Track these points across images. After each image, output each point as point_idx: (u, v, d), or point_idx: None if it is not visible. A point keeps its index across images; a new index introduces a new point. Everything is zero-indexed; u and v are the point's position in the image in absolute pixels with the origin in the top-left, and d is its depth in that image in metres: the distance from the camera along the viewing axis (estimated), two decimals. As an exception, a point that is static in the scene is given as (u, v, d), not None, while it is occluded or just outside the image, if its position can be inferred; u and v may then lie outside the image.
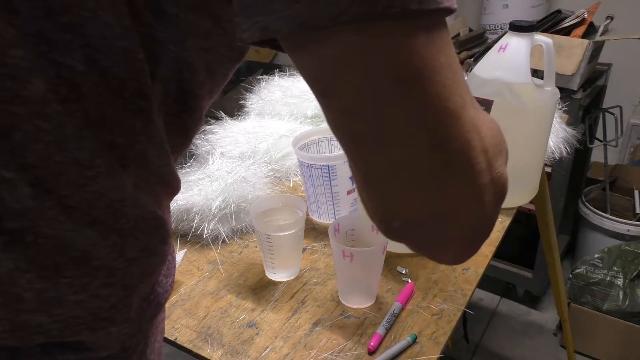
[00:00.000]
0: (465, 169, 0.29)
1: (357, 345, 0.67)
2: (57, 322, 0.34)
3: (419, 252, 0.34)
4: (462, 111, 0.28)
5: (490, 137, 0.30)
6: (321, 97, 0.29)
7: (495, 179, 0.31)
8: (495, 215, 0.33)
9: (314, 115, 1.16)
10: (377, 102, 0.27)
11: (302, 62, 0.28)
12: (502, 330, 1.91)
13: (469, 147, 0.28)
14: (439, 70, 0.26)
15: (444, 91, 0.27)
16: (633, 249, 1.71)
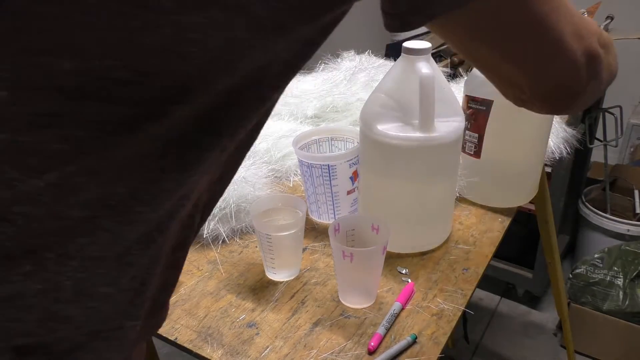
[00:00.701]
0: (564, 54, 0.42)
1: (357, 345, 0.67)
2: (85, 315, 0.34)
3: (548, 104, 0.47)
4: (563, 35, 0.40)
5: (586, 31, 0.42)
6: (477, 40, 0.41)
7: (588, 52, 0.43)
8: (589, 80, 0.45)
9: (314, 115, 1.16)
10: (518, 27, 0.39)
11: (457, 32, 0.40)
12: (502, 330, 1.91)
13: (565, 46, 0.41)
14: (546, 14, 0.38)
15: (551, 28, 0.39)
16: (633, 249, 1.71)
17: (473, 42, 0.41)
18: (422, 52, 0.73)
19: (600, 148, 1.93)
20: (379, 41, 2.69)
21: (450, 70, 1.57)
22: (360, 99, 1.16)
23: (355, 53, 1.39)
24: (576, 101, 0.47)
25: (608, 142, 1.85)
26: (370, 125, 0.77)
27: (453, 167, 0.82)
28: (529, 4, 0.37)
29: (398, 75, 0.77)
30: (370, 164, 0.81)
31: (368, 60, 1.35)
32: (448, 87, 0.79)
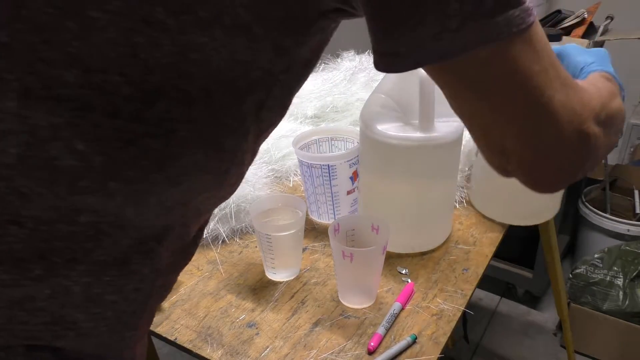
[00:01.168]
0: (553, 133, 0.40)
1: (357, 345, 0.67)
2: (90, 320, 0.35)
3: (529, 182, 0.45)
4: (552, 99, 0.38)
5: (580, 107, 0.40)
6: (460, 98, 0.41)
7: (580, 130, 0.41)
8: (584, 161, 0.43)
9: (314, 115, 1.16)
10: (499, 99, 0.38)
11: (446, 78, 0.39)
12: (502, 330, 1.91)
13: (556, 120, 0.39)
14: (535, 73, 0.37)
15: (540, 88, 0.37)
16: (633, 249, 1.71)
17: (461, 90, 0.39)
18: (422, 52, 0.73)
19: (600, 148, 1.92)
20: (379, 41, 2.69)
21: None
22: (360, 99, 1.16)
23: (355, 53, 1.39)
24: (562, 182, 0.45)
25: (608, 142, 1.84)
26: (370, 125, 0.76)
27: (453, 167, 0.82)
28: (518, 61, 0.36)
29: (398, 76, 0.76)
30: (370, 164, 0.81)
31: (368, 60, 1.35)
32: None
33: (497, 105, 0.38)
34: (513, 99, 0.38)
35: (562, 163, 0.42)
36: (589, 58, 0.60)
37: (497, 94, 0.38)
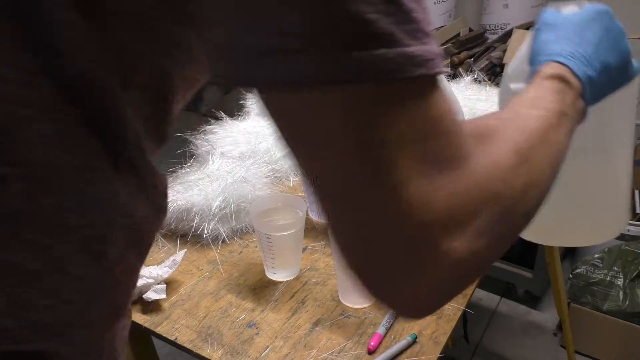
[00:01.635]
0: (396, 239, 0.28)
1: (357, 345, 0.67)
2: (23, 327, 0.33)
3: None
4: (403, 184, 0.27)
5: (443, 209, 0.28)
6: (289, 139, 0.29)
7: (439, 253, 0.28)
8: (449, 288, 0.32)
9: (314, 115, 1.16)
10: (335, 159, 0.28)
11: (277, 112, 0.29)
12: (502, 330, 1.91)
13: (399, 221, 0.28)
14: (394, 142, 0.27)
15: (387, 163, 0.27)
16: (633, 249, 1.71)
17: (281, 122, 0.29)
18: (422, 52, 0.73)
19: (600, 148, 1.92)
20: (378, 41, 2.69)
21: (450, 70, 1.57)
22: (360, 99, 1.16)
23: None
24: (408, 302, 0.32)
25: (608, 142, 1.84)
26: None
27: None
28: (370, 118, 0.26)
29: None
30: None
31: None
32: (448, 86, 0.79)
33: (314, 154, 0.28)
34: (342, 163, 0.27)
35: (402, 275, 0.29)
36: (566, 47, 0.46)
37: (323, 146, 0.27)
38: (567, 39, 0.47)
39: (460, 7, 2.61)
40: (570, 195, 0.64)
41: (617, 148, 0.66)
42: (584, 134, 0.49)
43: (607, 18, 0.50)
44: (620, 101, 0.57)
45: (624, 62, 0.50)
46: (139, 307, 0.75)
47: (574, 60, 0.45)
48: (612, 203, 0.70)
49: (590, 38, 0.47)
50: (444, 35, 1.82)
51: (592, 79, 0.45)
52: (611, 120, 0.63)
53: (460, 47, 1.74)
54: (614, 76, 0.49)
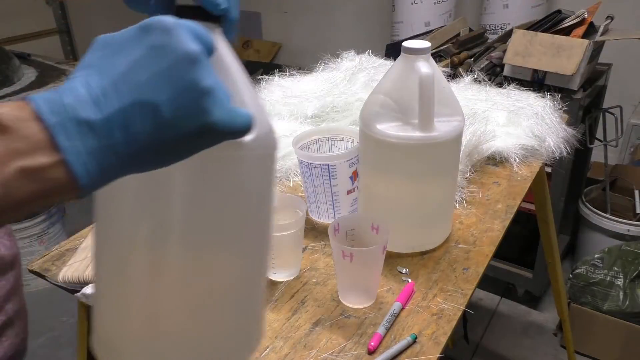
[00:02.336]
0: None
1: (357, 345, 0.67)
2: None
3: None
4: None
5: None
6: None
7: None
8: None
9: (314, 115, 1.16)
10: None
11: None
12: (502, 330, 1.91)
13: None
14: None
15: None
16: (633, 249, 1.71)
17: None
18: (421, 52, 0.73)
19: (600, 148, 1.93)
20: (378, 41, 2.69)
21: (450, 70, 1.57)
22: (360, 99, 1.16)
23: (355, 53, 1.39)
24: None
25: (608, 142, 1.85)
26: (370, 125, 0.76)
27: (453, 167, 0.82)
28: None
29: (398, 75, 0.76)
30: (370, 164, 0.81)
31: (368, 60, 1.35)
32: (448, 86, 0.79)
33: None
34: None
35: None
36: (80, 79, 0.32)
37: None
38: (96, 65, 0.33)
39: (460, 7, 2.61)
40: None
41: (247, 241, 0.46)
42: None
43: (160, 34, 0.33)
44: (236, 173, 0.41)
45: (190, 102, 0.32)
46: (138, 307, 0.75)
47: (55, 95, 0.31)
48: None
49: (120, 63, 0.32)
50: (444, 35, 1.82)
51: (95, 124, 0.30)
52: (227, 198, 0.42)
53: (460, 47, 1.74)
54: (170, 124, 0.32)
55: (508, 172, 1.07)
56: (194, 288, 0.43)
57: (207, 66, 0.33)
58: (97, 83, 0.31)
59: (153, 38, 0.33)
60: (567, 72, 1.51)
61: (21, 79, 2.07)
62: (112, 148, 0.31)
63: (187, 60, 0.32)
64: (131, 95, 0.31)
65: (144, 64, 0.32)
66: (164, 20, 0.33)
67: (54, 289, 0.82)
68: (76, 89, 0.31)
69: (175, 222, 0.40)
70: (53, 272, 0.80)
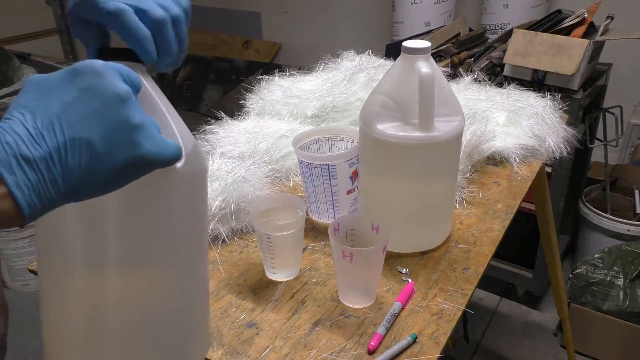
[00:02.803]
0: None
1: (357, 345, 0.67)
2: None
3: None
4: None
5: None
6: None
7: None
8: None
9: (314, 115, 1.16)
10: None
11: None
12: (502, 330, 1.91)
13: None
14: None
15: None
16: (633, 249, 1.71)
17: None
18: (421, 52, 0.73)
19: (600, 148, 1.93)
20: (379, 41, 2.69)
21: (450, 70, 1.57)
22: (360, 99, 1.16)
23: (355, 53, 1.39)
24: None
25: (608, 142, 1.85)
26: (370, 125, 0.76)
27: (453, 167, 0.82)
28: None
29: (398, 75, 0.76)
30: (370, 164, 0.81)
31: (368, 60, 1.35)
32: (448, 86, 0.79)
33: None
34: None
35: None
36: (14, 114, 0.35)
37: None
38: (30, 105, 0.35)
39: (460, 7, 2.61)
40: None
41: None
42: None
43: (90, 77, 0.36)
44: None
45: (122, 137, 0.36)
46: (138, 307, 0.75)
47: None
48: None
49: (54, 104, 0.35)
50: (444, 35, 1.82)
51: (34, 161, 0.33)
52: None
53: (460, 47, 1.74)
54: (104, 158, 0.36)
55: (508, 172, 1.07)
56: (133, 305, 0.46)
57: (136, 104, 0.37)
58: (33, 123, 0.34)
59: (84, 80, 0.36)
60: (567, 72, 1.51)
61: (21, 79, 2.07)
62: (51, 182, 0.34)
63: (117, 100, 0.36)
64: (66, 133, 0.34)
65: (76, 104, 0.35)
66: (93, 64, 0.37)
67: (54, 289, 0.82)
68: (15, 129, 0.34)
69: (110, 245, 0.44)
70: (53, 272, 0.80)
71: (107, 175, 0.36)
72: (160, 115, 0.44)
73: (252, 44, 3.73)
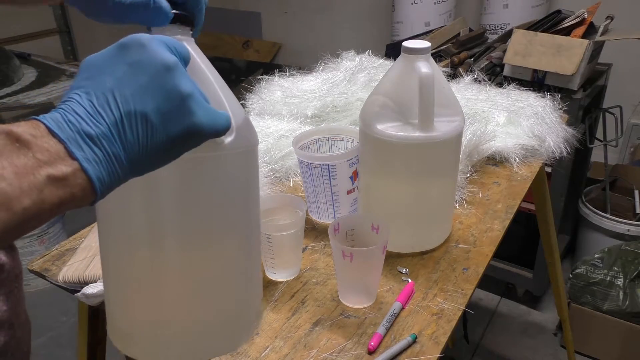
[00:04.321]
0: None
1: (357, 345, 0.67)
2: None
3: None
4: None
5: None
6: None
7: None
8: None
9: (314, 115, 1.16)
10: None
11: None
12: (502, 330, 1.91)
13: None
14: None
15: None
16: (633, 249, 1.71)
17: None
18: (421, 52, 0.73)
19: (600, 148, 1.93)
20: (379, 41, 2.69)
21: (450, 70, 1.57)
22: (360, 99, 1.16)
23: (355, 53, 1.39)
24: None
25: (608, 142, 1.85)
26: (370, 125, 0.77)
27: (453, 167, 0.82)
28: None
29: (398, 75, 0.77)
30: (370, 164, 0.81)
31: (368, 60, 1.35)
32: (448, 86, 0.79)
33: None
34: None
35: None
36: (81, 82, 0.36)
37: None
38: (86, 85, 0.36)
39: (460, 7, 2.61)
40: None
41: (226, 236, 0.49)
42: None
43: (137, 50, 0.37)
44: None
45: (174, 106, 0.36)
46: (138, 307, 0.75)
47: (58, 114, 0.34)
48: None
49: (107, 81, 0.36)
50: (444, 35, 1.82)
51: (97, 137, 0.34)
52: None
53: (460, 47, 1.74)
54: (160, 128, 0.36)
55: (508, 172, 1.07)
56: (191, 278, 0.48)
57: (184, 73, 0.38)
58: (89, 102, 0.35)
59: (132, 54, 0.37)
60: (567, 72, 1.51)
61: (21, 79, 2.07)
62: (115, 156, 0.35)
63: (164, 70, 0.36)
64: (122, 108, 0.35)
65: (127, 78, 0.36)
66: (139, 37, 0.37)
67: (54, 289, 0.82)
68: (74, 109, 0.35)
69: (168, 221, 0.45)
70: (53, 272, 0.80)
71: (165, 145, 0.37)
72: (210, 87, 0.44)
73: (252, 44, 3.73)
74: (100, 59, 0.37)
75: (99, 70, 0.36)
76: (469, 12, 2.59)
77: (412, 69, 0.73)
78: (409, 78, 0.74)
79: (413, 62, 0.73)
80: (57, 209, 0.33)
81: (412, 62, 0.73)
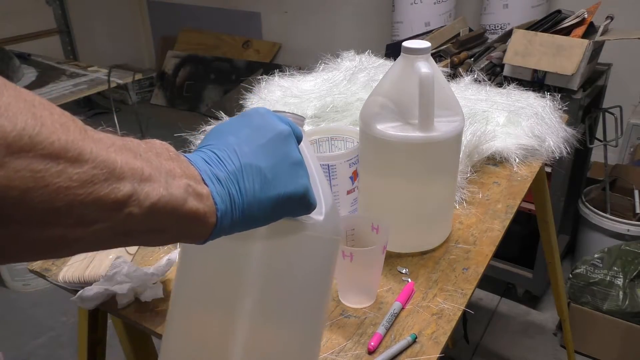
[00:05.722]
0: None
1: (357, 345, 0.67)
2: None
3: None
4: None
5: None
6: None
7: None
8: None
9: (314, 115, 1.16)
10: None
11: None
12: (502, 330, 1.91)
13: None
14: None
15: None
16: (633, 249, 1.71)
17: None
18: (421, 52, 0.73)
19: (600, 148, 1.93)
20: (379, 41, 2.69)
21: (450, 70, 1.57)
22: (360, 99, 1.16)
23: (355, 53, 1.39)
24: None
25: (608, 142, 1.85)
26: (370, 125, 0.77)
27: (453, 167, 0.82)
28: None
29: (398, 75, 0.77)
30: (370, 164, 0.81)
31: (368, 60, 1.35)
32: (448, 86, 0.79)
33: None
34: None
35: None
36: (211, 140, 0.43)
37: None
38: (214, 143, 0.42)
39: (460, 7, 2.61)
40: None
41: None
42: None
43: (258, 118, 0.44)
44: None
45: (285, 168, 0.42)
46: (137, 308, 0.75)
47: (194, 156, 0.40)
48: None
49: (231, 140, 0.42)
50: (444, 35, 1.82)
51: (222, 178, 0.40)
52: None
53: (460, 47, 1.74)
54: (273, 184, 0.41)
55: (508, 172, 1.07)
56: (255, 349, 0.49)
57: (295, 144, 0.44)
58: (216, 154, 0.41)
59: (253, 121, 0.44)
60: (567, 72, 1.51)
61: (21, 79, 2.07)
62: (233, 198, 0.40)
63: (280, 137, 0.43)
64: (241, 159, 0.41)
65: (248, 139, 0.42)
66: (259, 109, 0.45)
67: (54, 289, 0.82)
68: (204, 158, 0.40)
69: (248, 290, 0.47)
70: (53, 272, 0.80)
71: (272, 200, 0.41)
72: (310, 171, 0.48)
73: (252, 44, 3.73)
74: (225, 125, 0.44)
75: (224, 132, 0.43)
76: (469, 12, 2.59)
77: (412, 69, 0.73)
78: (409, 78, 0.74)
79: (413, 62, 0.73)
80: (188, 223, 0.37)
81: (412, 62, 0.73)
